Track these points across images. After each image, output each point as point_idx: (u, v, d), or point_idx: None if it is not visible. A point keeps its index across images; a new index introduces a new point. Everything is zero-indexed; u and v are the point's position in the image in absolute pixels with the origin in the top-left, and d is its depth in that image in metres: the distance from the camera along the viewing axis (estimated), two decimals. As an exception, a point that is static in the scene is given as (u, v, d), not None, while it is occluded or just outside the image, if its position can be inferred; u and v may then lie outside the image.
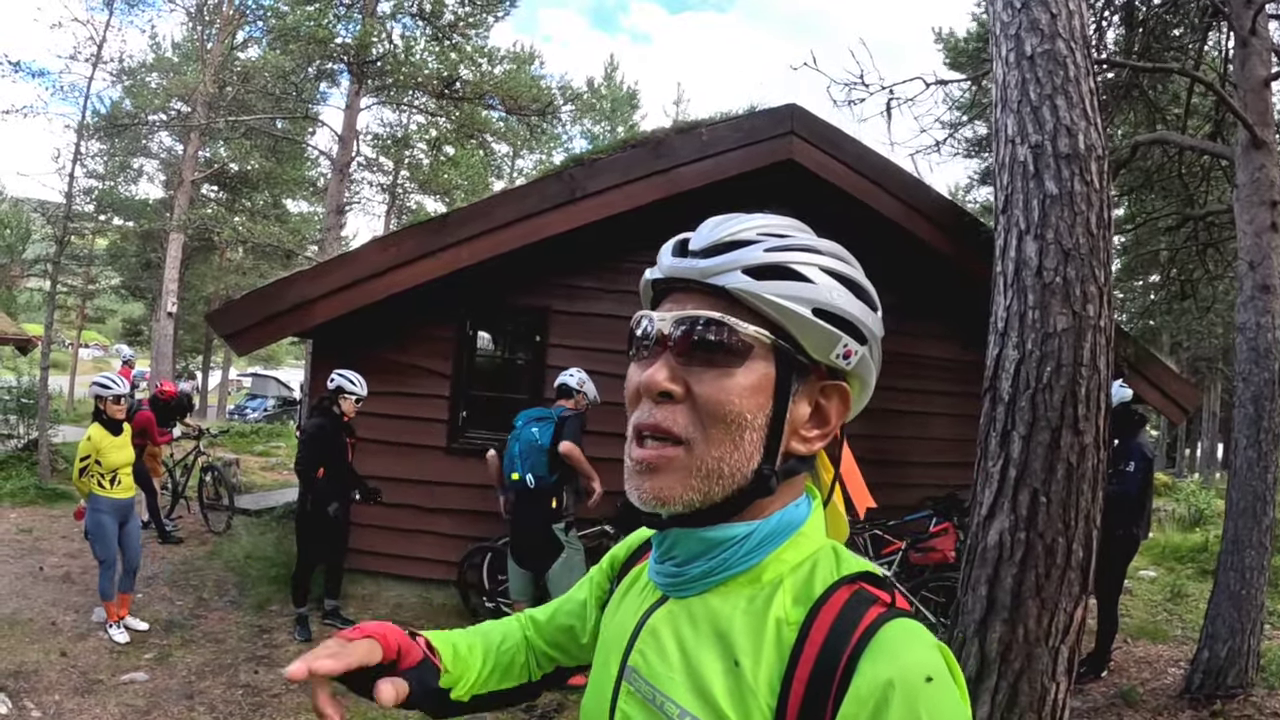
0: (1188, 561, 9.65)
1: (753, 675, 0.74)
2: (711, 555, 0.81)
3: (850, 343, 0.80)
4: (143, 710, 4.44)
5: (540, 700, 4.89)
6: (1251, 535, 4.79)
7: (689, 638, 0.80)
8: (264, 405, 29.73)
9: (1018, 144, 3.11)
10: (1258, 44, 5.21)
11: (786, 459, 0.81)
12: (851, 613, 0.73)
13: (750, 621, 0.77)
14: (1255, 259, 4.99)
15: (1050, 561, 2.86)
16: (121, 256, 24.45)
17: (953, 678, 0.70)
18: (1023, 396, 2.95)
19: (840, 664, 0.70)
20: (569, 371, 5.57)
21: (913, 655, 0.69)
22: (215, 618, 6.06)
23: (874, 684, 0.67)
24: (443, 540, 6.53)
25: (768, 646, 0.75)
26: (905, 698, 0.66)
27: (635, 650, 0.85)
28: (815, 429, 0.82)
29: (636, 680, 0.83)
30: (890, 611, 0.73)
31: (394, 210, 22.45)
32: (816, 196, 6.64)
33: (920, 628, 0.72)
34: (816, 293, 0.78)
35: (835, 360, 0.80)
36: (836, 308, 0.79)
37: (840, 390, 0.82)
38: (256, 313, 6.32)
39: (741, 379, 0.77)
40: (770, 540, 0.80)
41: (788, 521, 0.82)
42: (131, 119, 17.34)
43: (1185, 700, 4.79)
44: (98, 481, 5.46)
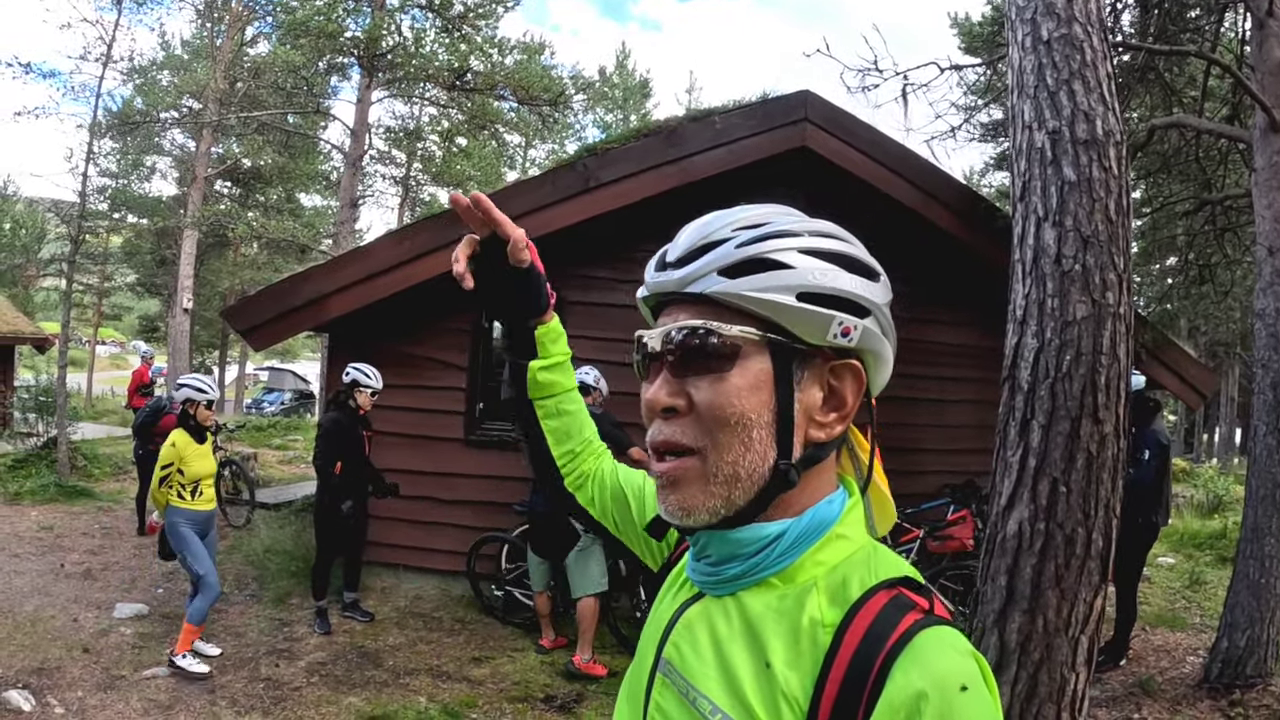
0: (1206, 548, 9.59)
1: (784, 677, 0.73)
2: (746, 556, 0.80)
3: (846, 319, 0.78)
4: (165, 705, 4.47)
5: (560, 691, 4.92)
6: (1271, 523, 4.74)
7: (723, 635, 0.80)
8: (280, 399, 29.88)
9: (1035, 130, 3.07)
10: (1275, 26, 5.12)
11: (807, 448, 0.80)
12: (888, 618, 0.72)
13: (784, 623, 0.76)
14: (1274, 244, 4.93)
15: (1070, 551, 2.84)
16: (136, 254, 24.65)
17: (987, 688, 0.69)
18: (1042, 385, 2.92)
19: (873, 670, 0.69)
20: (584, 370, 5.58)
21: (948, 664, 0.68)
22: (235, 612, 6.11)
23: (906, 692, 0.66)
24: (461, 532, 6.55)
25: (802, 649, 0.74)
26: (938, 707, 0.65)
27: (670, 643, 0.85)
28: (832, 412, 0.81)
29: (671, 673, 0.83)
30: (927, 619, 0.72)
31: (407, 202, 22.49)
32: (832, 184, 6.61)
33: (957, 636, 0.71)
34: (797, 277, 0.77)
35: (834, 340, 0.78)
36: (823, 287, 0.77)
37: (852, 369, 0.80)
38: (272, 308, 6.36)
39: (737, 380, 0.77)
40: (804, 540, 0.79)
41: (822, 519, 0.80)
42: (143, 117, 17.41)
43: (1204, 690, 4.77)
44: (177, 492, 5.01)
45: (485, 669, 5.24)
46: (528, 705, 4.71)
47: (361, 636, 5.69)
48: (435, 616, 6.19)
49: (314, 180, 22.56)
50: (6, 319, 15.86)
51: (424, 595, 6.57)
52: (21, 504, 9.32)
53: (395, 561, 6.74)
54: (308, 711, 4.49)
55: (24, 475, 10.42)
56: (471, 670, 5.20)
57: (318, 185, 23.27)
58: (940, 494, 6.42)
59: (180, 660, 4.87)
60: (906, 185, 6.48)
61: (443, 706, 4.58)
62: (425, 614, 6.22)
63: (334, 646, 5.47)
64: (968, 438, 6.78)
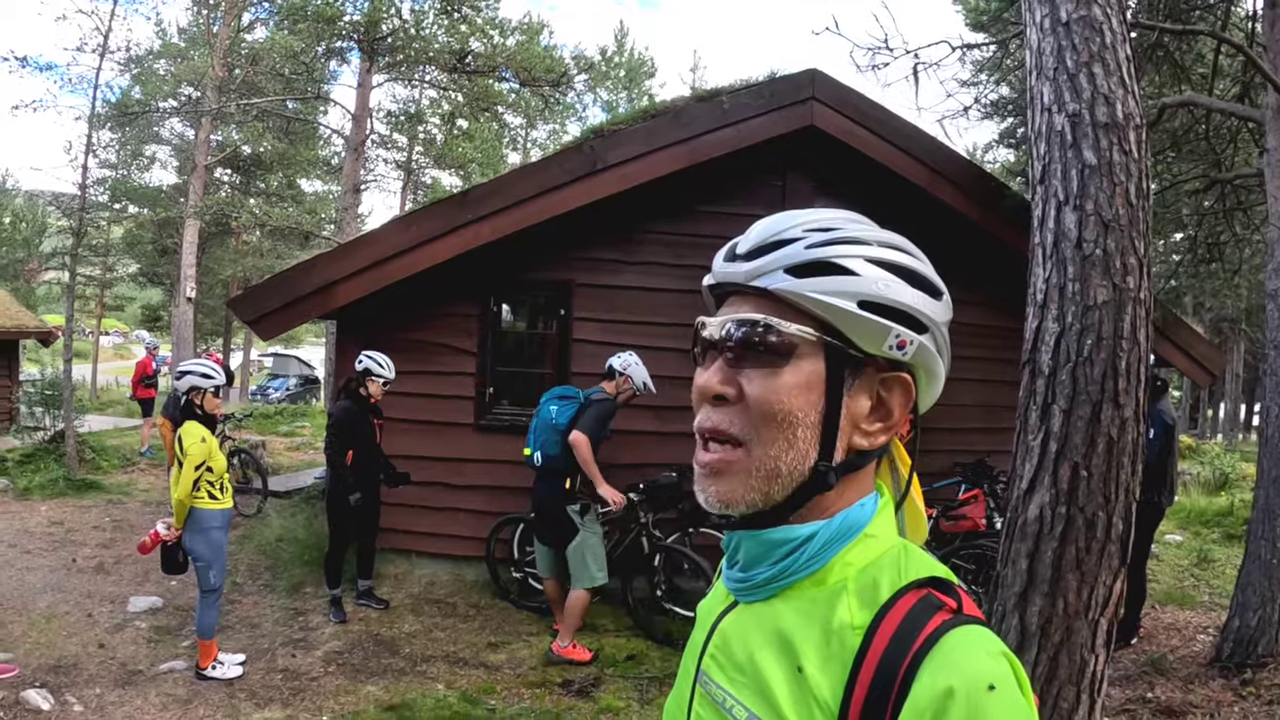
0: (1213, 525, 9.63)
1: (815, 681, 0.73)
2: (775, 560, 0.81)
3: (904, 333, 0.78)
4: (184, 700, 4.47)
5: (577, 675, 4.96)
6: None
7: (755, 642, 0.80)
8: (285, 385, 29.96)
9: (1054, 113, 3.05)
10: None
11: (849, 454, 0.81)
12: (916, 619, 0.72)
13: (814, 626, 0.76)
14: None
15: (1091, 535, 2.86)
16: (138, 244, 24.58)
17: (1019, 687, 0.68)
18: (1063, 370, 2.93)
19: (901, 671, 0.69)
20: (620, 354, 5.50)
21: (975, 663, 0.67)
22: (249, 602, 6.15)
23: (933, 692, 0.66)
24: (474, 517, 6.59)
25: (832, 651, 0.74)
26: (964, 707, 0.65)
27: (707, 654, 0.86)
28: (878, 422, 0.81)
29: (709, 684, 0.84)
30: (956, 618, 0.72)
31: (410, 186, 22.41)
32: (840, 162, 6.59)
33: (987, 635, 0.71)
34: (861, 285, 0.77)
35: (889, 352, 0.79)
36: (885, 299, 0.78)
37: (901, 381, 0.81)
38: (279, 297, 6.35)
39: (789, 377, 0.78)
40: (835, 542, 0.79)
41: (852, 521, 0.80)
42: (142, 107, 17.31)
43: (1216, 669, 4.79)
44: (208, 492, 4.62)
45: (502, 654, 5.28)
46: (545, 690, 4.74)
47: (377, 624, 5.73)
48: (450, 602, 6.23)
49: (315, 166, 22.47)
50: (10, 313, 15.86)
51: (438, 581, 6.61)
52: (31, 499, 9.34)
53: (408, 548, 6.77)
54: (327, 702, 4.51)
55: (32, 470, 10.43)
56: (488, 656, 5.24)
57: (319, 170, 23.17)
58: (951, 473, 6.44)
59: (210, 671, 4.71)
60: (915, 163, 6.46)
61: (461, 693, 4.62)
62: (440, 600, 6.26)
63: (350, 635, 5.51)
64: (979, 417, 6.80)
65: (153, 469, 11.56)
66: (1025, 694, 0.69)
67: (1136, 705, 4.42)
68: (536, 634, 5.67)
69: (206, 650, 4.77)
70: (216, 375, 4.78)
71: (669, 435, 6.38)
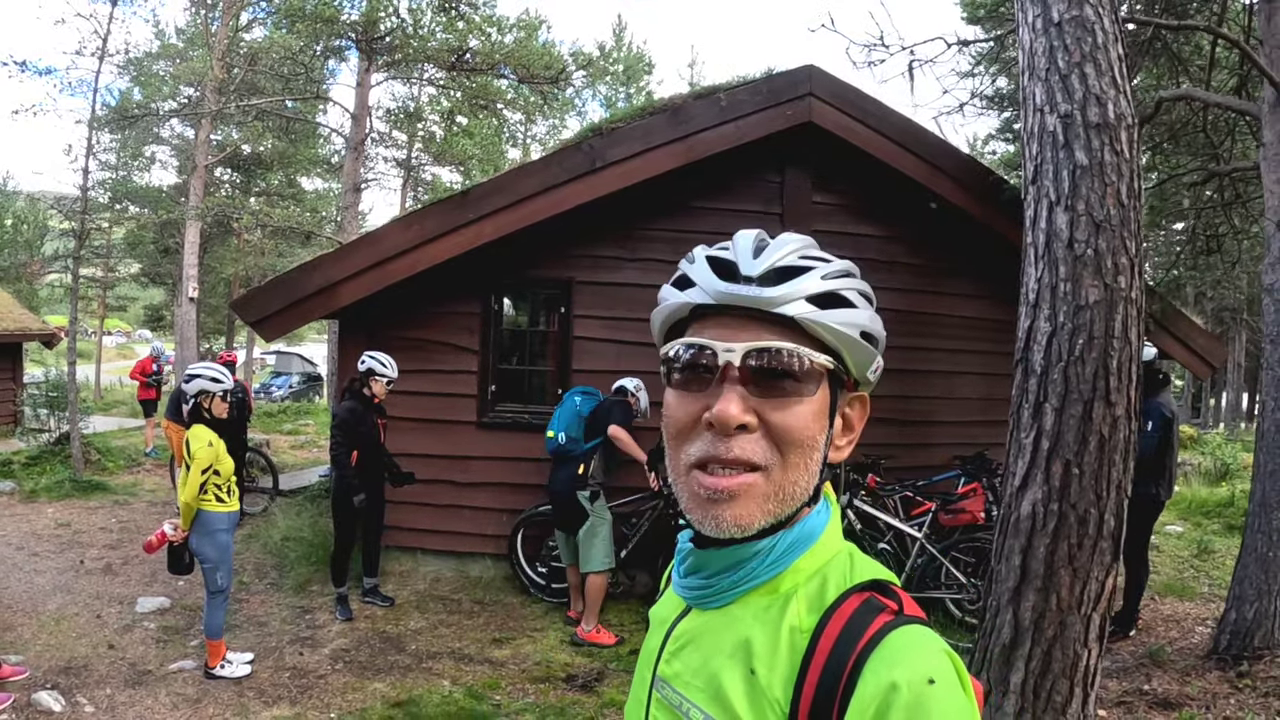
0: (1214, 516, 9.65)
1: (767, 682, 0.77)
2: (740, 568, 0.83)
3: (879, 359, 0.86)
4: (194, 699, 4.51)
5: (581, 670, 5.02)
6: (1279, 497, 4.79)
7: (710, 646, 0.83)
8: (288, 382, 29.96)
9: (1046, 113, 3.08)
10: None
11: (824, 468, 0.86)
12: (860, 620, 0.75)
13: (766, 630, 0.80)
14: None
15: (1083, 532, 2.90)
16: (139, 244, 24.60)
17: (960, 682, 0.71)
18: (1055, 369, 2.96)
19: (846, 669, 0.72)
20: (630, 378, 5.93)
21: (916, 659, 0.71)
22: (256, 601, 6.20)
23: (876, 689, 0.69)
24: (478, 514, 6.66)
25: (781, 654, 0.77)
26: (907, 701, 0.68)
27: (663, 660, 0.89)
28: (845, 438, 0.88)
29: (665, 688, 0.87)
30: (898, 619, 0.75)
31: (410, 183, 22.40)
32: (838, 159, 6.62)
33: (927, 634, 0.74)
34: (860, 317, 0.83)
35: (871, 376, 0.86)
36: (874, 329, 0.84)
37: (863, 400, 0.88)
38: (282, 298, 6.39)
39: (811, 405, 0.80)
40: (793, 549, 0.82)
41: (811, 529, 0.84)
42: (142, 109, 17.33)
43: (1213, 661, 4.82)
44: (215, 496, 4.67)
45: (506, 650, 5.34)
46: (550, 685, 4.80)
47: (383, 621, 5.78)
48: (454, 599, 6.29)
49: (315, 164, 22.46)
50: (13, 316, 15.90)
51: (442, 577, 6.67)
52: (38, 501, 9.39)
53: (412, 545, 6.84)
54: (334, 699, 4.56)
55: (39, 472, 10.49)
56: (493, 652, 5.30)
57: (319, 169, 23.17)
58: (950, 466, 6.48)
59: (219, 671, 4.77)
60: (912, 158, 6.49)
61: (467, 689, 4.68)
62: (444, 596, 6.32)
63: (356, 633, 5.57)
64: (978, 410, 6.85)
65: (158, 469, 11.62)
66: (966, 689, 0.72)
67: (1133, 697, 4.46)
68: (540, 629, 5.73)
69: (215, 650, 4.82)
70: (225, 380, 4.79)
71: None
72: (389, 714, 4.37)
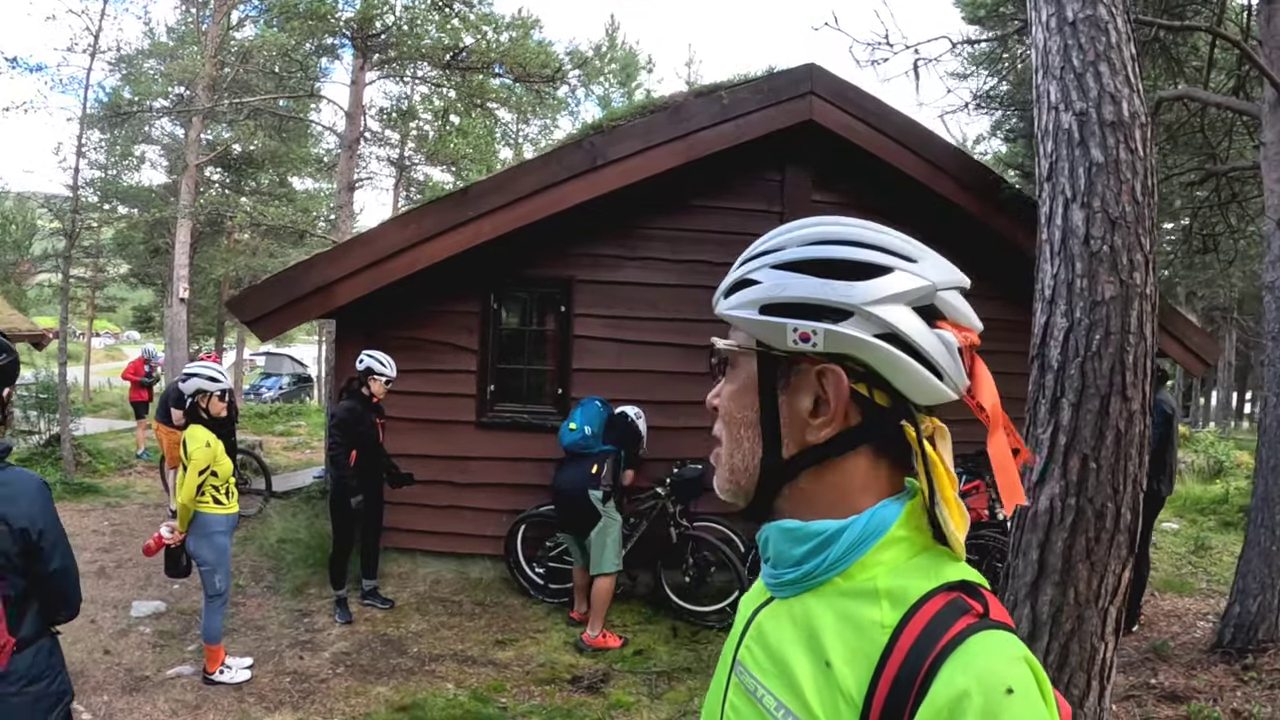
0: (1209, 513, 9.72)
1: (842, 675, 0.75)
2: (802, 559, 0.83)
3: (803, 325, 0.80)
4: (193, 705, 4.42)
5: (586, 671, 4.99)
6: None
7: (786, 636, 0.83)
8: (279, 383, 29.81)
9: (1061, 111, 3.09)
10: None
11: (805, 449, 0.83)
12: (943, 620, 0.73)
13: (844, 623, 0.78)
14: None
15: (1100, 525, 2.90)
16: (129, 244, 24.35)
17: (1040, 693, 0.69)
18: (1072, 364, 2.96)
19: (923, 670, 0.70)
20: (630, 406, 6.03)
21: (995, 666, 0.68)
22: (254, 605, 6.12)
23: (950, 693, 0.67)
24: (478, 515, 6.61)
25: (860, 648, 0.75)
26: (982, 708, 0.66)
27: (743, 646, 0.89)
28: (820, 416, 0.82)
29: (743, 673, 0.87)
30: (981, 622, 0.73)
31: (402, 183, 22.31)
32: (839, 158, 6.62)
33: (1011, 640, 0.72)
34: (760, 291, 0.83)
35: (795, 346, 0.81)
36: (784, 298, 0.81)
37: (832, 373, 0.80)
38: (278, 297, 6.33)
39: (731, 385, 0.89)
40: (862, 542, 0.80)
41: (876, 524, 0.80)
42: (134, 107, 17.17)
43: (1217, 654, 4.86)
44: (213, 497, 4.59)
45: (510, 652, 5.30)
46: (555, 687, 4.77)
47: (383, 624, 5.74)
48: (455, 600, 6.24)
49: (307, 164, 22.32)
50: (2, 316, 15.73)
51: (442, 579, 6.63)
52: (29, 502, 9.24)
53: (411, 546, 6.79)
54: (337, 704, 4.50)
55: (29, 474, 10.35)
56: (496, 654, 5.27)
57: (311, 168, 23.03)
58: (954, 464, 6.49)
59: (218, 676, 4.69)
60: (914, 157, 6.50)
61: (471, 692, 4.64)
62: (445, 598, 6.28)
63: (357, 636, 5.51)
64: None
65: (150, 471, 11.51)
66: (1048, 701, 0.69)
67: (1141, 691, 4.48)
68: (543, 630, 5.70)
69: (213, 655, 4.74)
70: (223, 379, 4.73)
71: (675, 430, 6.41)
72: (393, 718, 4.34)
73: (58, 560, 2.34)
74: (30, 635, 2.29)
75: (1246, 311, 22.09)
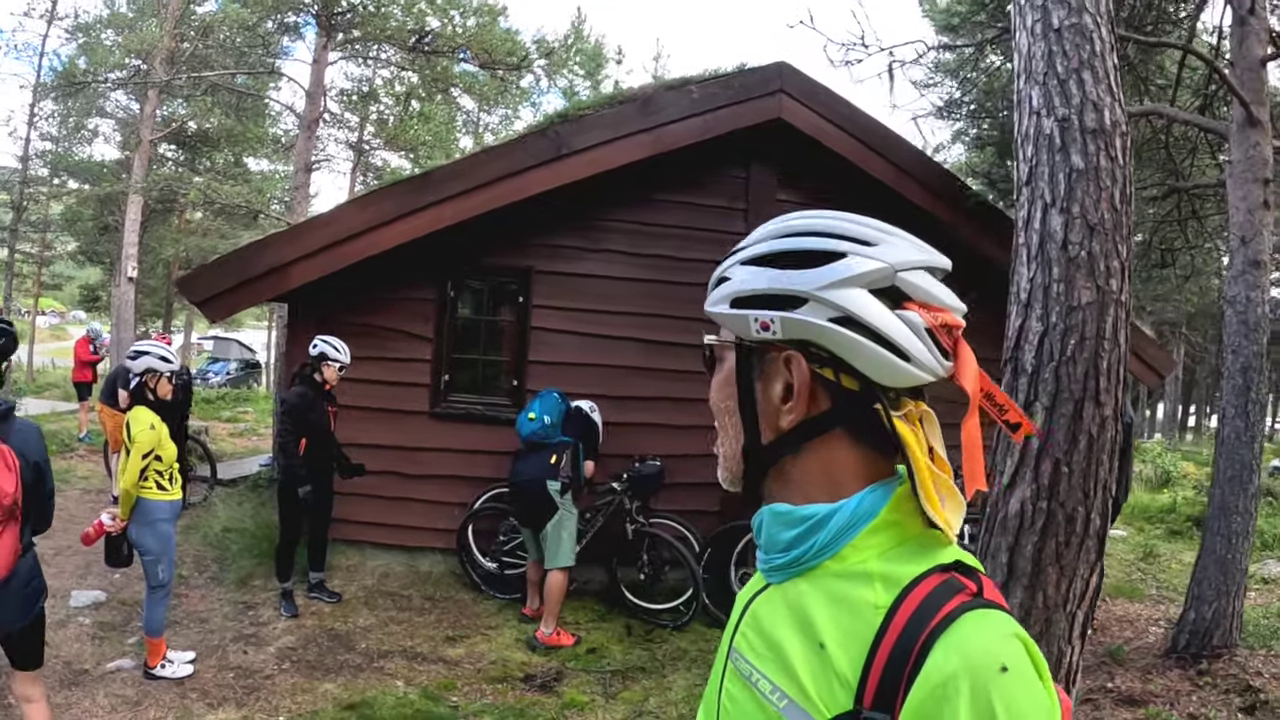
0: (1157, 522, 9.94)
1: (836, 656, 0.75)
2: (792, 543, 0.83)
3: (763, 315, 0.83)
4: (133, 701, 4.21)
5: (539, 670, 4.88)
6: (1238, 502, 4.94)
7: (780, 620, 0.83)
8: (226, 369, 29.17)
9: (1043, 116, 3.08)
10: (1256, 24, 5.34)
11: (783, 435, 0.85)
12: (935, 599, 0.73)
13: (836, 605, 0.78)
14: (1247, 234, 5.11)
15: (1070, 530, 2.90)
16: (78, 221, 23.43)
17: (1035, 669, 0.69)
18: (1046, 369, 2.95)
19: (915, 648, 0.70)
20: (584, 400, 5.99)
21: (988, 644, 0.68)
22: (196, 596, 5.88)
23: (944, 670, 0.67)
24: (429, 507, 6.45)
25: (854, 630, 0.75)
26: (975, 686, 0.66)
27: (739, 633, 0.90)
28: (788, 401, 0.84)
29: (739, 659, 0.88)
30: (974, 601, 0.73)
31: (360, 167, 21.86)
32: (805, 157, 6.58)
33: (1005, 618, 0.72)
34: (730, 287, 0.87)
35: (759, 335, 0.84)
36: (746, 291, 0.85)
37: (793, 359, 0.83)
38: (230, 277, 6.12)
39: (717, 377, 0.93)
40: (851, 526, 0.81)
41: (868, 506, 0.81)
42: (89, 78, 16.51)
43: (1172, 659, 4.94)
44: (156, 483, 4.40)
45: (460, 649, 5.16)
46: (508, 685, 4.64)
47: (330, 618, 5.55)
48: (404, 595, 6.08)
49: (263, 144, 21.71)
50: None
51: (391, 573, 6.44)
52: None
53: (359, 539, 6.58)
54: (283, 701, 4.31)
55: (-37, 454, 9.89)
56: (446, 651, 5.12)
57: (266, 149, 22.42)
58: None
59: (159, 671, 4.47)
60: (881, 160, 6.49)
61: (422, 690, 4.48)
62: (394, 592, 6.11)
63: (303, 630, 5.31)
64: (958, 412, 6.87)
65: (93, 455, 11.08)
66: (1043, 678, 0.69)
67: (1099, 694, 4.51)
68: (494, 627, 5.57)
69: (155, 648, 4.50)
70: (174, 360, 4.56)
71: (633, 425, 6.33)
72: (341, 716, 4.16)
73: (49, 485, 3.13)
74: (28, 544, 3.07)
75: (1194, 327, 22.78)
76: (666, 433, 6.44)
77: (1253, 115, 5.08)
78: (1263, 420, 5.13)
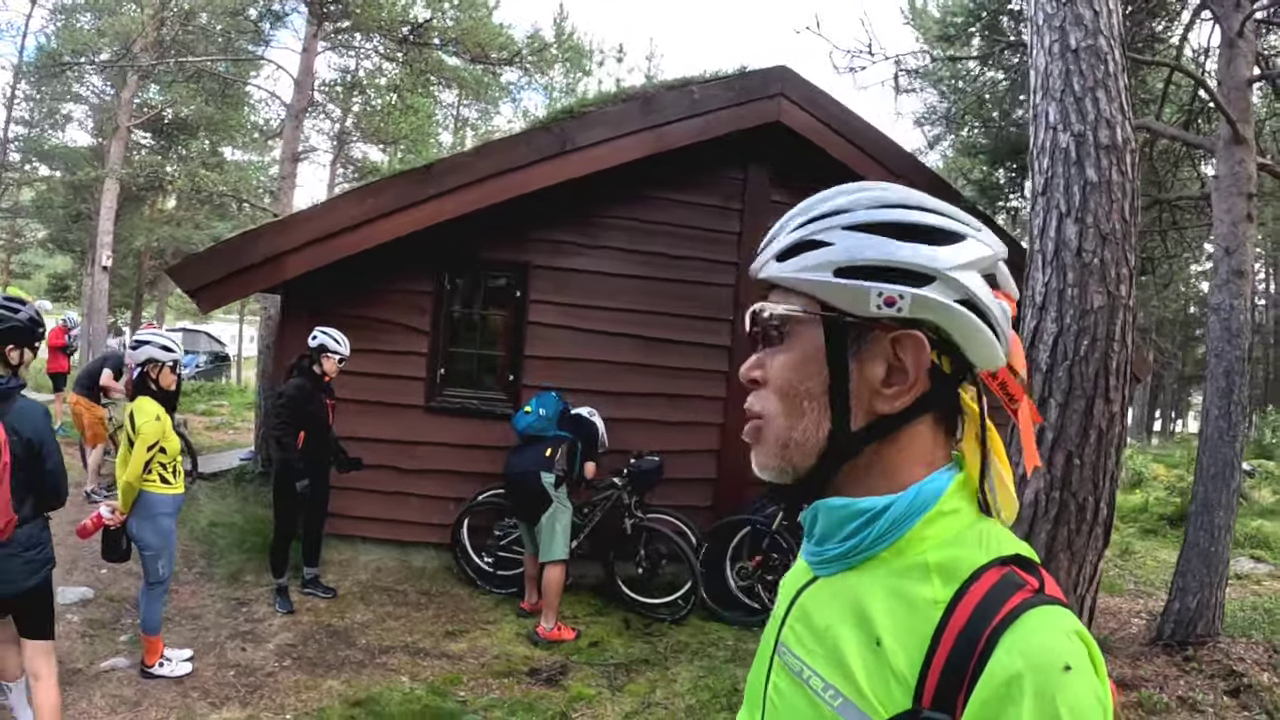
0: (1131, 521, 10.17)
1: (893, 653, 0.73)
2: (845, 536, 0.81)
3: (888, 289, 0.77)
4: (133, 701, 4.12)
5: (543, 663, 4.91)
6: (1221, 497, 5.18)
7: (832, 614, 0.81)
8: (195, 362, 28.62)
9: (1059, 131, 3.25)
10: (1244, 46, 5.56)
11: (872, 420, 0.80)
12: (997, 595, 0.71)
13: (893, 599, 0.76)
14: (1231, 245, 5.36)
15: (1081, 518, 3.06)
16: (48, 207, 22.92)
17: (1095, 669, 0.68)
18: (1060, 367, 3.11)
19: (978, 647, 0.69)
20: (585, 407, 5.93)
21: (1052, 643, 0.68)
22: (187, 592, 5.77)
23: (1008, 670, 0.66)
24: (424, 502, 6.45)
25: (911, 625, 0.74)
26: (1040, 686, 0.65)
27: (787, 626, 0.87)
28: (895, 385, 0.80)
29: (786, 654, 0.85)
30: (1036, 597, 0.72)
31: (340, 159, 21.61)
32: (801, 160, 6.67)
33: (1067, 616, 0.71)
34: (835, 253, 0.79)
35: (878, 311, 0.78)
36: (864, 260, 0.78)
37: (912, 339, 0.78)
38: (224, 266, 6.04)
39: (790, 353, 0.82)
40: (909, 516, 0.79)
41: (925, 497, 0.79)
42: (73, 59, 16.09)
43: (1159, 647, 5.18)
44: (160, 476, 4.28)
45: (462, 643, 5.18)
46: (513, 679, 4.67)
47: (327, 614, 5.51)
48: (400, 590, 6.07)
49: (244, 132, 21.36)
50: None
51: (385, 568, 6.43)
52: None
53: (353, 533, 6.54)
54: (288, 699, 4.26)
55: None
56: (448, 645, 5.13)
57: (246, 138, 22.06)
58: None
59: (157, 670, 4.37)
60: (877, 166, 6.60)
61: (428, 685, 4.48)
62: (389, 587, 6.10)
63: (300, 626, 5.27)
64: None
65: (67, 448, 10.83)
66: (1101, 677, 0.69)
67: (1090, 681, 4.71)
68: (493, 621, 5.59)
69: (152, 646, 4.39)
70: (175, 349, 4.46)
71: (630, 421, 6.38)
72: (349, 714, 4.14)
73: (50, 462, 3.19)
74: (29, 515, 3.17)
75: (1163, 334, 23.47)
76: (661, 428, 6.52)
77: (1238, 133, 5.32)
78: (1244, 420, 5.39)
